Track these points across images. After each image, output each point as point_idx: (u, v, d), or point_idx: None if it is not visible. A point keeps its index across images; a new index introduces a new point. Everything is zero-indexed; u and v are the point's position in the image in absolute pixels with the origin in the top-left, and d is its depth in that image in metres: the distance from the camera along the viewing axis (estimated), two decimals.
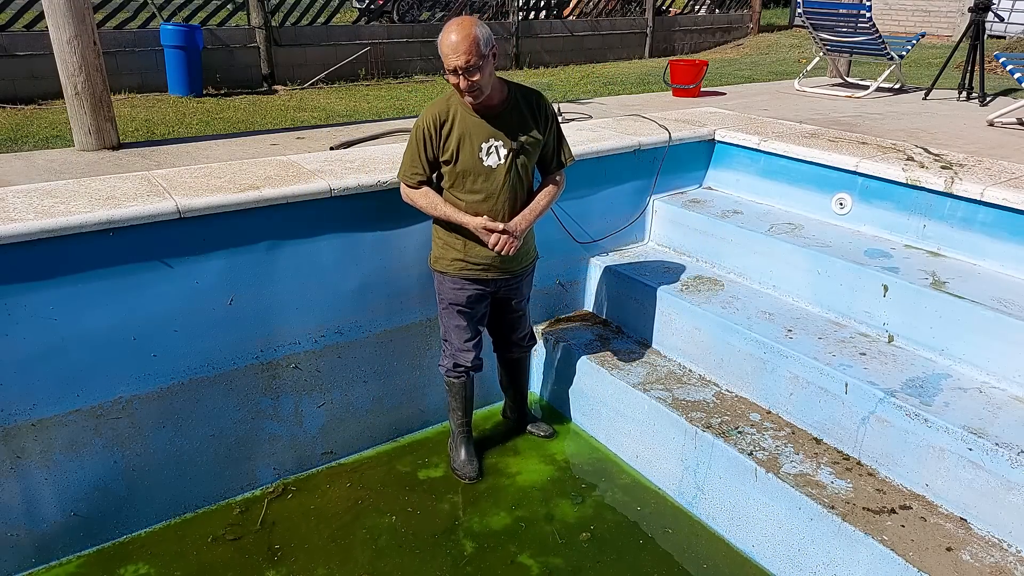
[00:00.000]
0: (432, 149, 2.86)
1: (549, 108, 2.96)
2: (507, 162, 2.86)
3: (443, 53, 2.64)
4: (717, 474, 3.08)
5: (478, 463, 3.42)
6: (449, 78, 2.70)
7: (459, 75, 2.65)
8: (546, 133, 2.95)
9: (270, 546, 3.01)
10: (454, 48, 2.60)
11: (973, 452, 2.57)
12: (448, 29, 2.63)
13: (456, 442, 3.45)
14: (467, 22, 2.64)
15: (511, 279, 3.12)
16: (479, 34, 2.62)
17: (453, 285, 3.06)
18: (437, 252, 3.08)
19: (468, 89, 2.69)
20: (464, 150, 2.84)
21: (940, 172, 3.48)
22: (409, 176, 2.94)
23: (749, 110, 5.15)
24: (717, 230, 3.93)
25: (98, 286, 2.72)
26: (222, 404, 3.12)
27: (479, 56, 2.61)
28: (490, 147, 2.84)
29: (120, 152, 3.73)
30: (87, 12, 3.44)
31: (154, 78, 8.35)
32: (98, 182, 3.01)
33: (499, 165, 2.86)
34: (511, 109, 2.87)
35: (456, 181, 2.90)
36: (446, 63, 2.65)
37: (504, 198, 2.91)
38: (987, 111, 5.37)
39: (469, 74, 2.64)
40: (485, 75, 2.67)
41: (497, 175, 2.87)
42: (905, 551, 2.47)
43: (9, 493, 2.77)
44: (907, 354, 3.12)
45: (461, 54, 2.59)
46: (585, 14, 12.63)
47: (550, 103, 2.98)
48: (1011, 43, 10.68)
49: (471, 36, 2.60)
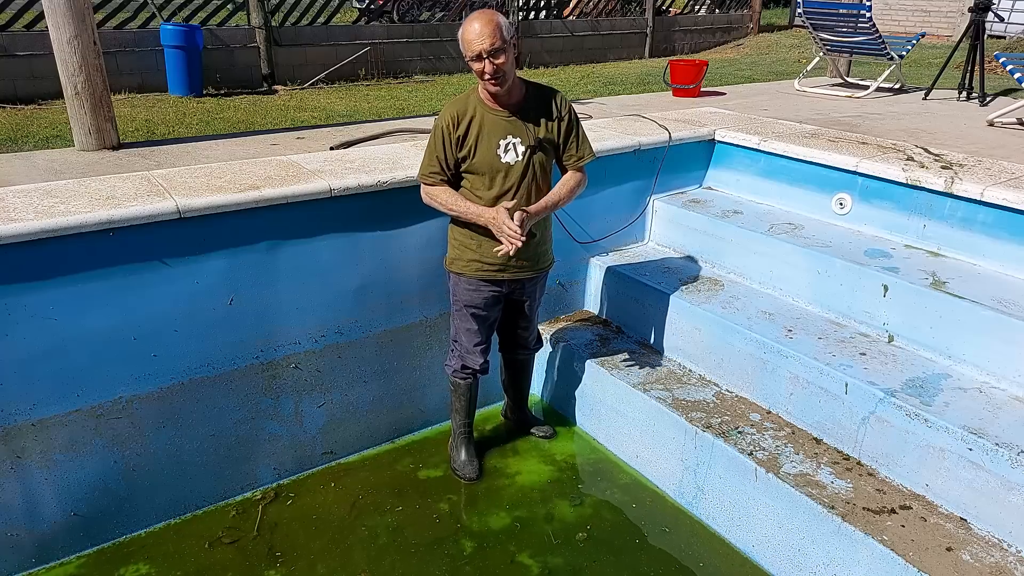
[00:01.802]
0: (451, 147, 2.87)
1: (567, 105, 2.96)
2: (524, 159, 2.87)
3: (466, 41, 2.69)
4: (717, 474, 3.08)
5: (478, 463, 3.42)
6: (473, 66, 2.72)
7: (484, 59, 2.67)
8: (564, 130, 2.95)
9: (270, 546, 3.01)
10: (478, 33, 2.65)
11: (973, 452, 2.57)
12: (470, 20, 2.69)
13: (457, 443, 3.45)
14: (487, 11, 2.72)
15: (526, 281, 3.12)
16: (501, 21, 2.70)
17: (468, 286, 3.06)
18: (453, 253, 3.08)
19: (493, 73, 2.70)
20: (482, 147, 2.85)
21: (940, 172, 3.48)
22: (428, 175, 2.94)
23: (749, 110, 5.15)
24: (717, 230, 3.93)
25: (98, 286, 2.72)
26: (222, 404, 3.12)
27: (503, 40, 2.67)
28: (508, 144, 2.86)
29: (120, 152, 3.73)
30: (87, 12, 3.44)
31: (154, 78, 8.35)
32: (98, 182, 3.01)
33: (516, 162, 2.87)
34: (528, 106, 2.89)
35: (475, 178, 2.90)
36: (470, 50, 2.68)
37: (522, 195, 2.91)
38: (987, 111, 5.37)
39: (494, 56, 2.67)
40: (508, 61, 2.72)
41: (515, 172, 2.88)
42: (905, 551, 2.47)
43: (9, 493, 2.77)
44: (907, 354, 3.12)
45: (486, 37, 2.64)
46: (585, 14, 12.63)
47: (568, 100, 2.98)
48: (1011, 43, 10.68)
49: (494, 21, 2.67)
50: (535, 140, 2.88)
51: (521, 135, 2.87)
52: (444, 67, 10.77)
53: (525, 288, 3.16)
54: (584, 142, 3.03)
